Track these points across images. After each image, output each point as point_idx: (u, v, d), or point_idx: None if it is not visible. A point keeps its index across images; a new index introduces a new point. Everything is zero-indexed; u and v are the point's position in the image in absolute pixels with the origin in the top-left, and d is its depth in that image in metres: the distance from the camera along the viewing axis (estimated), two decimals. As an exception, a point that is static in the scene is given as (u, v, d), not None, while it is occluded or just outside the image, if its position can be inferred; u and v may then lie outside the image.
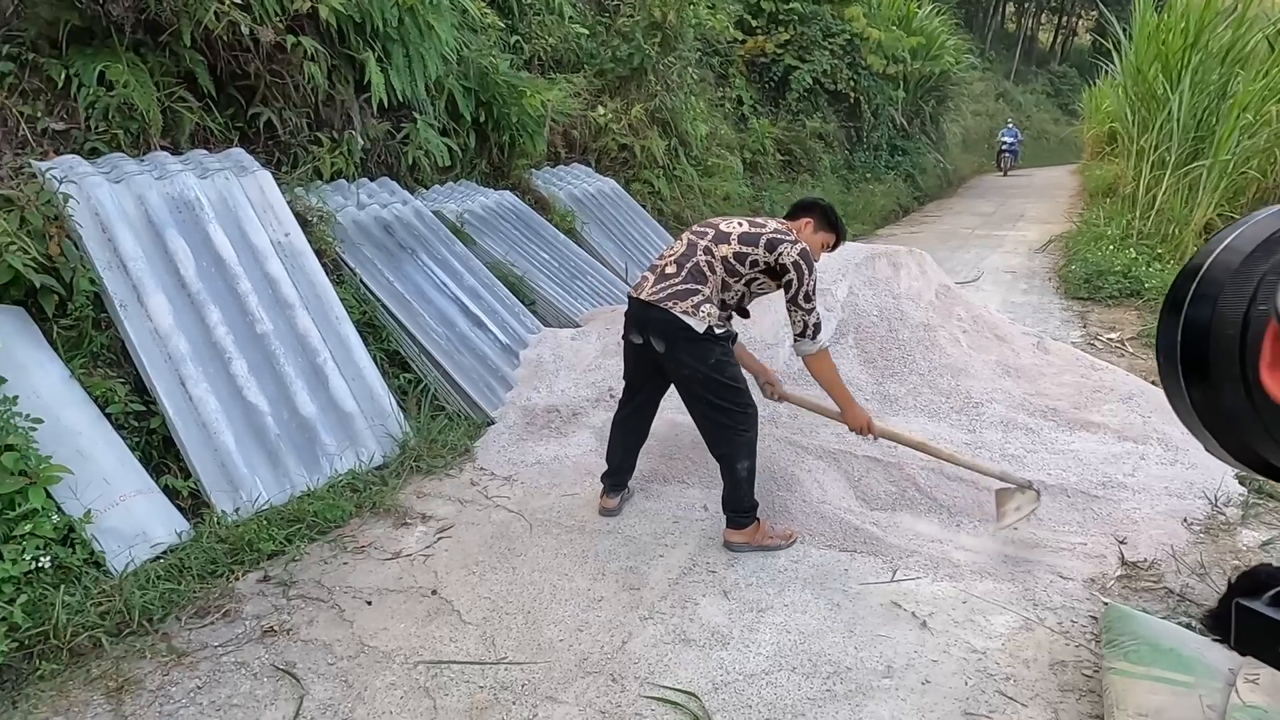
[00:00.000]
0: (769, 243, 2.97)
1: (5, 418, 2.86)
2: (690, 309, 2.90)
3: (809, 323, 2.99)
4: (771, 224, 3.07)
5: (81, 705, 2.38)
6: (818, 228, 3.19)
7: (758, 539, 3.13)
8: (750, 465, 3.07)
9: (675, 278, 2.97)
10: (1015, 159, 22.26)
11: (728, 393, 2.98)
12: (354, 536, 3.31)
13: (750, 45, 12.36)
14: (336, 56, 4.73)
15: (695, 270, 2.97)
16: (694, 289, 2.93)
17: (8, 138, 3.63)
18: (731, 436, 3.03)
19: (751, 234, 3.00)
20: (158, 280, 3.57)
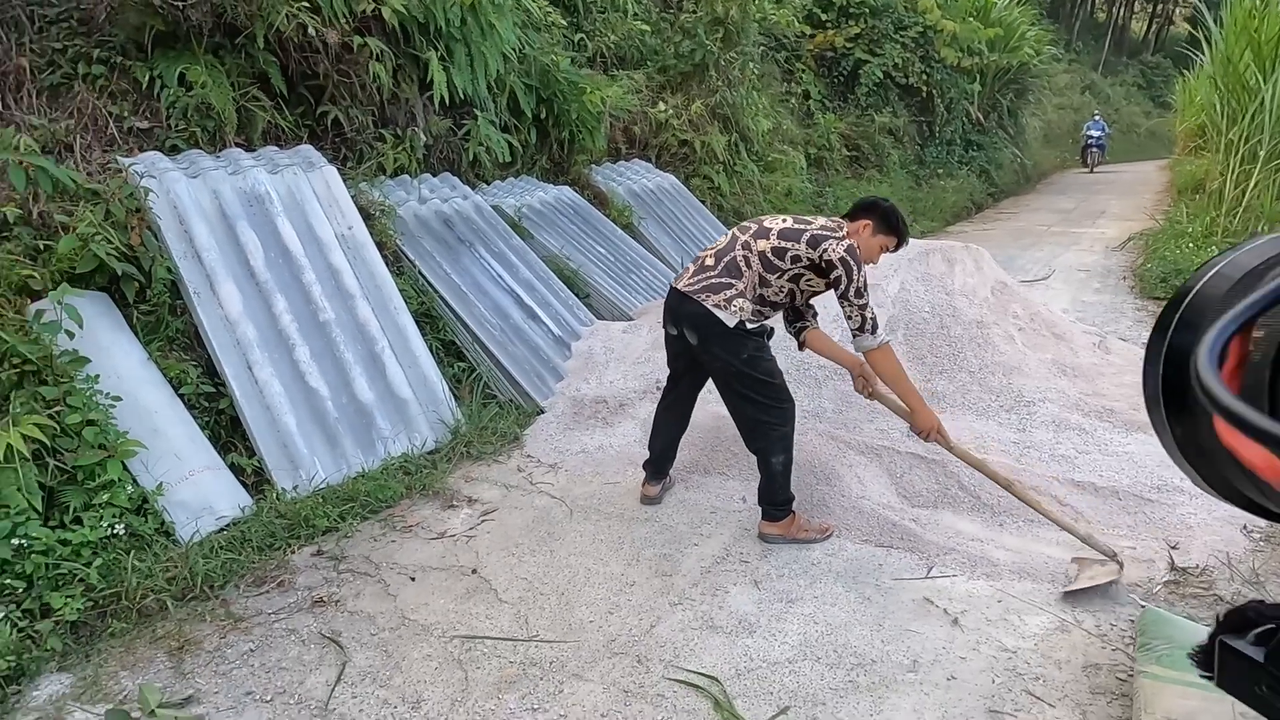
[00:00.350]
0: (812, 239, 2.91)
1: (88, 395, 3.10)
2: (722, 302, 2.92)
3: (866, 317, 2.90)
4: (819, 221, 3.02)
5: (146, 662, 2.57)
6: (877, 230, 3.04)
7: (792, 532, 3.14)
8: (786, 460, 3.08)
9: (712, 271, 3.00)
10: (1103, 154, 20.98)
11: (761, 388, 3.00)
12: (403, 516, 3.45)
13: (819, 39, 12.23)
14: (401, 56, 4.92)
15: (731, 264, 2.98)
16: (728, 283, 2.95)
17: (97, 136, 3.91)
18: (766, 431, 3.05)
19: (793, 229, 2.96)
20: (229, 270, 3.79)
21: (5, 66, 3.82)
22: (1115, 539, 3.10)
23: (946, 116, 14.02)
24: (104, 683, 2.47)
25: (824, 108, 11.78)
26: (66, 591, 2.67)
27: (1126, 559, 2.97)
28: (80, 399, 3.03)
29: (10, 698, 2.40)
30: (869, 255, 3.04)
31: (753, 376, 2.98)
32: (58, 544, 2.75)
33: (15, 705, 2.38)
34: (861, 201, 3.14)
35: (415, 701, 2.37)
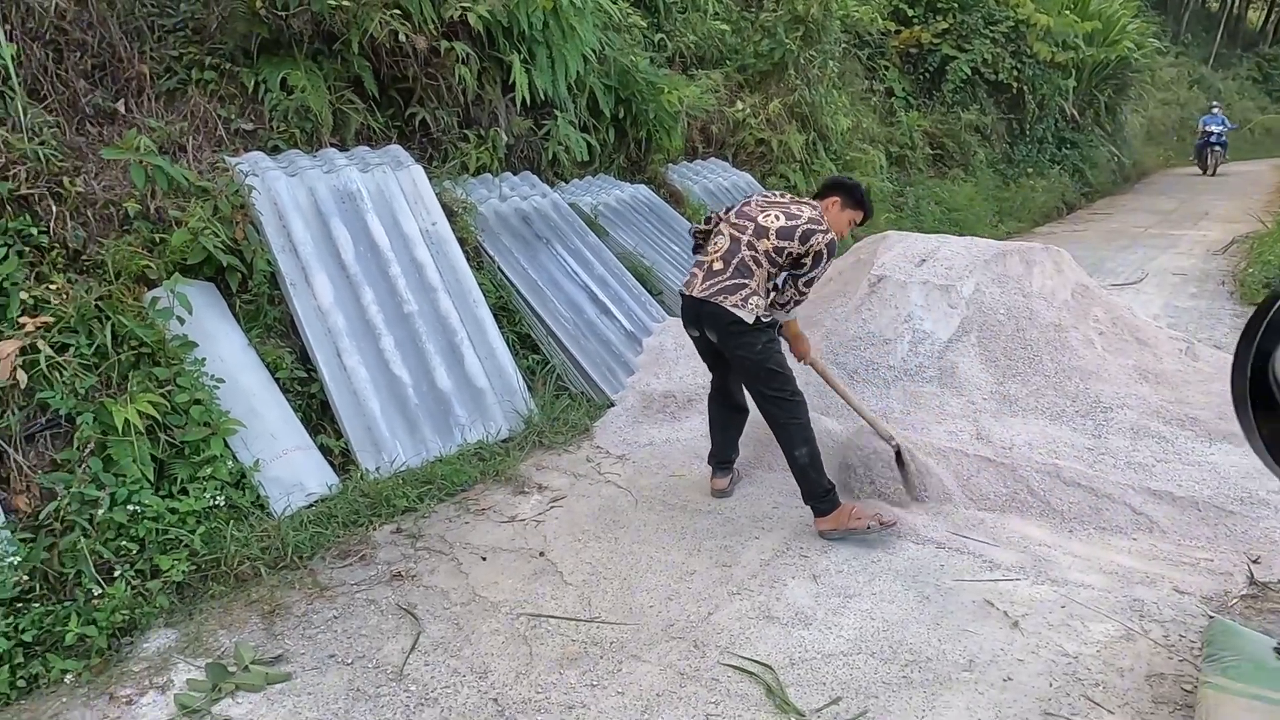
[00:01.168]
0: (803, 235, 3.13)
1: (195, 377, 3.36)
2: (739, 302, 3.09)
3: (796, 300, 3.23)
4: (806, 212, 3.20)
5: (241, 623, 2.79)
6: (844, 206, 3.34)
7: (845, 522, 3.14)
8: (809, 451, 3.15)
9: (724, 274, 3.15)
10: (1225, 153, 18.12)
11: (774, 379, 3.16)
12: (477, 500, 3.62)
13: (905, 36, 11.99)
14: (485, 59, 5.11)
15: (741, 265, 3.14)
16: (742, 283, 3.12)
17: (208, 137, 4.21)
18: (784, 422, 3.17)
19: (788, 228, 3.15)
20: (322, 263, 4.03)
21: (128, 72, 4.15)
22: (1190, 550, 3.03)
23: (1038, 114, 13.53)
24: (204, 639, 2.70)
25: (908, 105, 11.55)
26: (174, 555, 2.91)
27: (1203, 572, 2.89)
28: (188, 380, 3.30)
29: (125, 647, 2.66)
30: (839, 228, 3.33)
31: (766, 368, 3.14)
32: (167, 512, 3.00)
33: (129, 654, 2.63)
34: (829, 180, 3.49)
35: (483, 672, 2.51)
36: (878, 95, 11.07)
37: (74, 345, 3.16)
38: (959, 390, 3.93)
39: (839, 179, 3.48)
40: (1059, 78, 13.47)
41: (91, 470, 2.94)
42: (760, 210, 3.25)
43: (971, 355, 4.07)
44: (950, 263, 4.37)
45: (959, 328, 4.12)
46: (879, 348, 4.16)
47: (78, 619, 2.61)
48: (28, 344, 3.02)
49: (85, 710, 2.40)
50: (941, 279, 4.27)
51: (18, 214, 3.36)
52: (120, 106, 4.05)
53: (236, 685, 2.46)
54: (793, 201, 3.29)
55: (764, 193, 3.41)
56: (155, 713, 2.38)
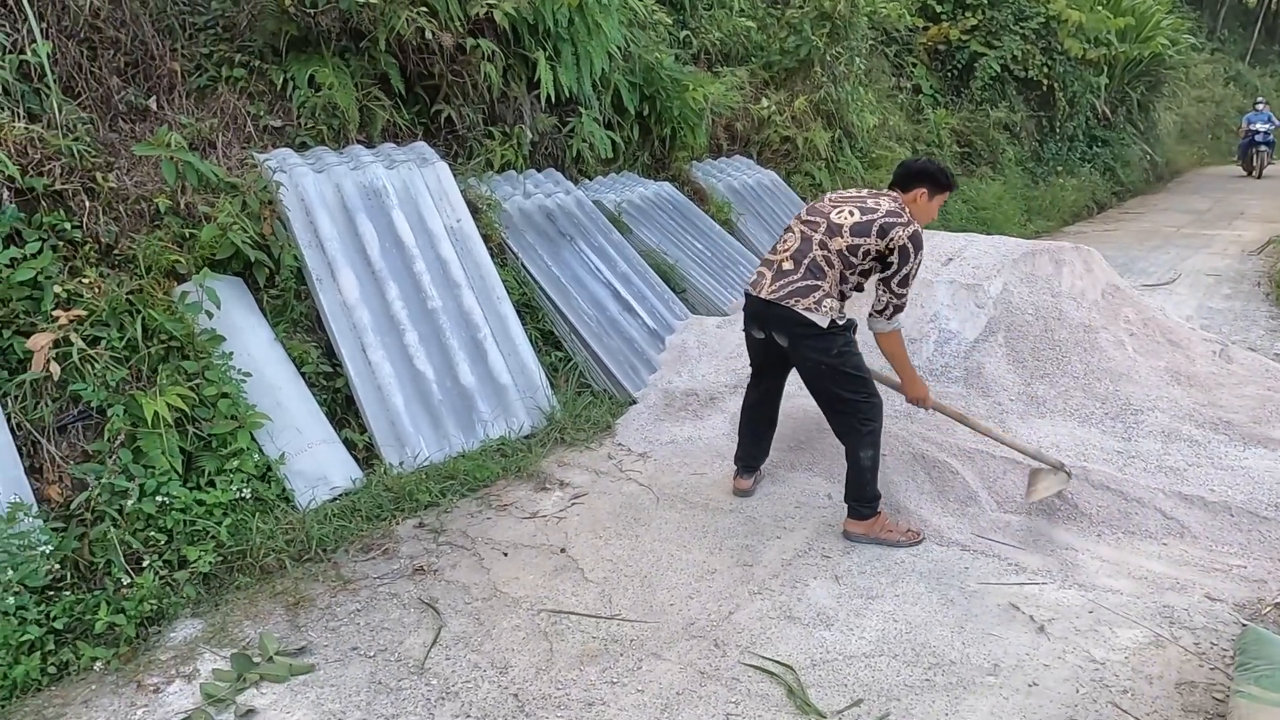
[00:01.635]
0: (881, 229, 2.97)
1: (223, 370, 3.40)
2: (812, 305, 2.97)
3: (892, 304, 3.05)
4: (884, 205, 3.04)
5: (266, 614, 2.83)
6: (932, 194, 3.14)
7: (876, 531, 3.14)
8: (874, 455, 3.10)
9: (794, 274, 3.02)
10: (1271, 152, 16.71)
11: (851, 383, 3.04)
12: (499, 495, 3.63)
13: (933, 32, 11.86)
14: (511, 56, 5.12)
15: (813, 266, 3.01)
16: (814, 285, 2.99)
17: (237, 133, 4.26)
18: (855, 425, 3.08)
19: (863, 223, 2.99)
20: (348, 258, 4.06)
21: (160, 70, 4.21)
22: (1223, 556, 2.97)
23: (1069, 111, 13.33)
24: (230, 629, 2.73)
25: (935, 102, 11.42)
26: (200, 546, 2.95)
27: (1235, 579, 2.83)
28: (216, 373, 3.34)
29: (152, 636, 2.70)
30: (929, 217, 3.16)
31: (844, 372, 3.03)
32: (194, 503, 3.04)
33: (156, 643, 2.67)
34: (910, 168, 3.20)
35: (503, 667, 2.52)
36: (905, 92, 10.96)
37: (105, 338, 3.21)
38: (985, 391, 3.89)
39: (920, 166, 3.19)
40: (1090, 75, 13.27)
41: (121, 461, 2.99)
42: (834, 206, 3.09)
43: (998, 356, 4.02)
44: (977, 262, 4.32)
45: (986, 327, 4.07)
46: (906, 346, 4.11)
47: (107, 608, 2.65)
48: (61, 337, 3.08)
49: (114, 697, 2.43)
50: (968, 278, 4.22)
51: (52, 209, 3.41)
52: (152, 103, 4.10)
53: (261, 676, 2.48)
54: (870, 195, 3.12)
55: (842, 189, 3.24)
56: (181, 701, 2.41)
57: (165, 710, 2.38)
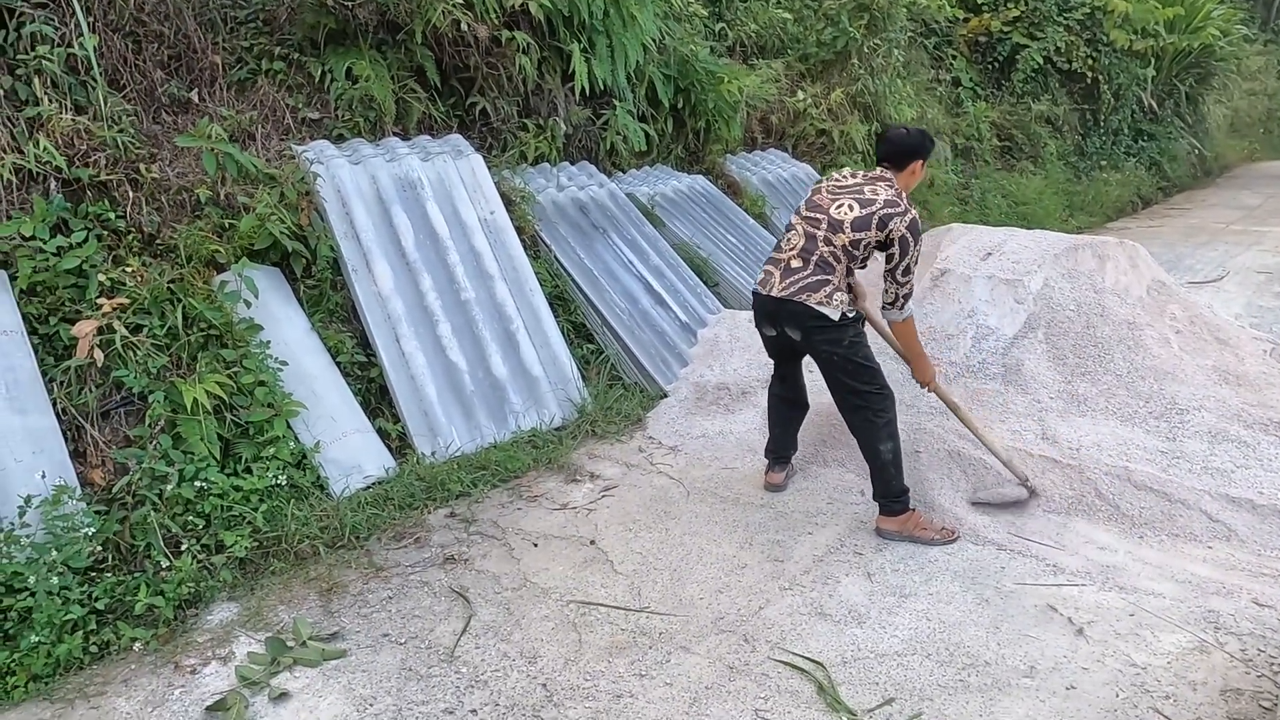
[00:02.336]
0: (880, 221, 2.98)
1: (260, 359, 3.45)
2: (824, 299, 3.00)
3: (900, 294, 3.07)
4: (881, 194, 3.04)
5: (300, 599, 2.86)
6: (925, 163, 3.20)
7: (910, 528, 3.09)
8: (893, 448, 3.08)
9: (803, 271, 3.05)
10: None
11: (863, 374, 3.06)
12: (529, 486, 3.65)
13: (974, 24, 11.64)
14: (546, 48, 5.12)
15: (821, 262, 3.04)
16: (824, 279, 3.02)
17: (275, 125, 4.31)
18: (869, 418, 3.08)
19: (863, 217, 3.00)
20: (383, 249, 4.10)
21: (202, 63, 4.28)
22: (1272, 561, 2.87)
23: (1114, 104, 13.00)
24: (265, 614, 2.77)
25: (975, 95, 11.21)
26: (237, 531, 3.00)
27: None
28: (254, 362, 3.39)
29: (190, 619, 2.75)
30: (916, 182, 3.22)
31: (855, 362, 3.05)
32: (231, 489, 3.10)
33: (193, 625, 2.72)
34: (902, 145, 3.17)
35: (532, 657, 2.53)
36: (944, 85, 10.78)
37: (147, 326, 3.28)
38: (1024, 388, 3.80)
39: (915, 142, 3.17)
40: (1137, 66, 12.92)
41: (162, 447, 3.05)
42: (832, 200, 3.10)
43: (1038, 352, 3.93)
44: (1018, 256, 4.22)
45: (1025, 324, 3.98)
46: (940, 343, 4.04)
47: (147, 589, 2.71)
48: (104, 324, 3.14)
49: (153, 677, 2.48)
50: (1008, 273, 4.13)
51: (97, 199, 3.49)
52: (194, 96, 4.17)
53: (294, 660, 2.52)
54: (866, 181, 3.11)
55: (836, 175, 3.24)
56: (217, 683, 2.45)
57: (201, 691, 2.42)
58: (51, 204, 3.35)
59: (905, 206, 3.00)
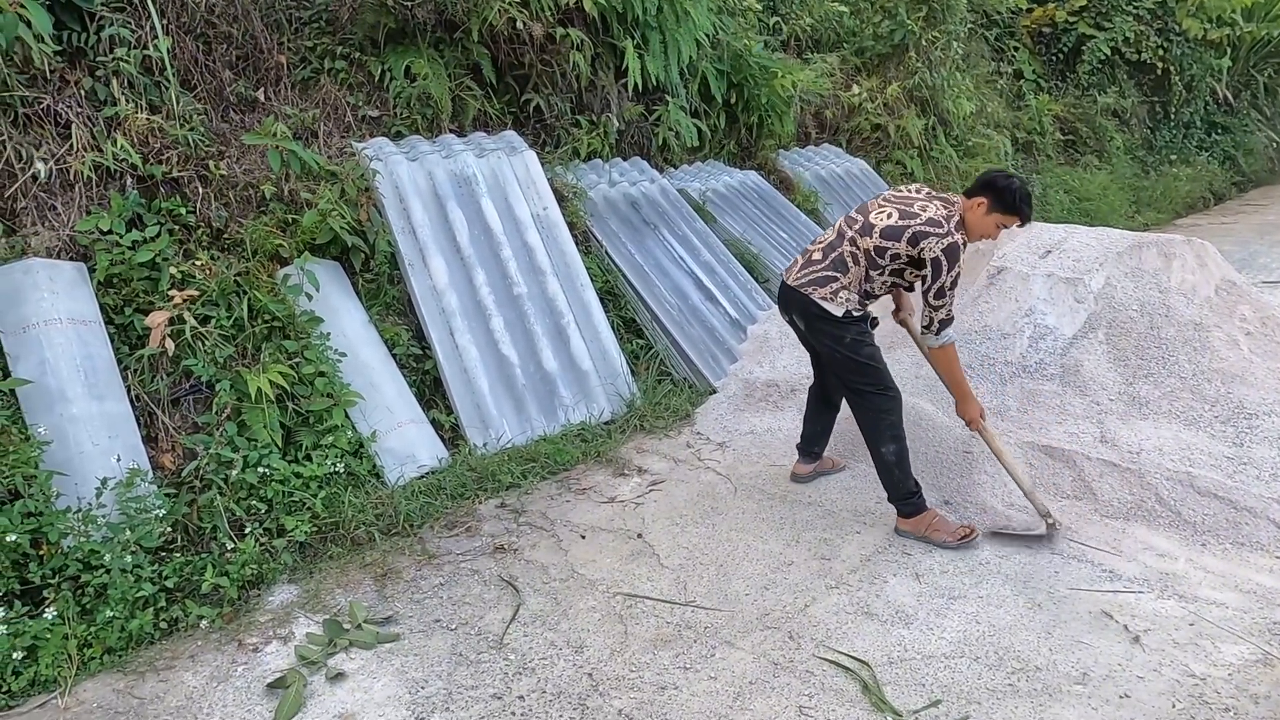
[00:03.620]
0: (913, 237, 2.90)
1: (321, 350, 3.57)
2: (828, 295, 2.99)
3: (935, 319, 2.96)
4: (929, 211, 2.93)
5: (356, 583, 2.96)
6: (992, 209, 2.94)
7: (923, 529, 3.06)
8: (898, 449, 3.06)
9: (819, 264, 3.05)
10: None
11: (864, 373, 3.05)
12: (578, 479, 3.69)
13: (1037, 14, 11.33)
14: (599, 45, 5.16)
15: (838, 260, 3.03)
16: (833, 277, 3.01)
17: (337, 123, 4.44)
18: (874, 419, 3.06)
19: (896, 228, 2.93)
20: (438, 244, 4.19)
21: (268, 63, 4.42)
22: (1345, 573, 2.76)
23: (1185, 96, 12.52)
24: (323, 596, 2.87)
25: (1038, 88, 10.92)
26: (297, 516, 3.11)
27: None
28: (314, 353, 3.50)
29: (252, 599, 2.86)
30: (984, 232, 3.00)
31: (856, 361, 3.04)
32: (292, 475, 3.21)
33: (256, 605, 2.83)
34: (982, 177, 3.05)
35: (579, 646, 2.57)
36: (1005, 78, 10.52)
37: (215, 317, 3.41)
38: (1083, 390, 3.71)
39: (992, 177, 3.01)
40: (1211, 57, 12.42)
41: (227, 434, 3.17)
42: (880, 206, 3.05)
43: (1098, 353, 3.83)
44: (1078, 254, 4.12)
45: (1085, 323, 3.88)
46: (996, 342, 3.97)
47: (213, 570, 2.83)
48: (175, 315, 3.28)
49: (218, 653, 2.60)
50: (1068, 271, 4.03)
51: (169, 195, 3.64)
52: (260, 95, 4.31)
53: (350, 642, 2.61)
54: (926, 198, 3.03)
55: (904, 187, 3.16)
56: (278, 661, 2.55)
57: (263, 669, 2.52)
58: (127, 200, 3.50)
59: (949, 230, 2.88)
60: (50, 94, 3.51)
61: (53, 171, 3.40)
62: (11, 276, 3.14)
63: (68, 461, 2.88)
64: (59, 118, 3.51)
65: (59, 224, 3.38)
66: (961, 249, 2.90)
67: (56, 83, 3.56)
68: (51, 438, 2.88)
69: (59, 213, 3.40)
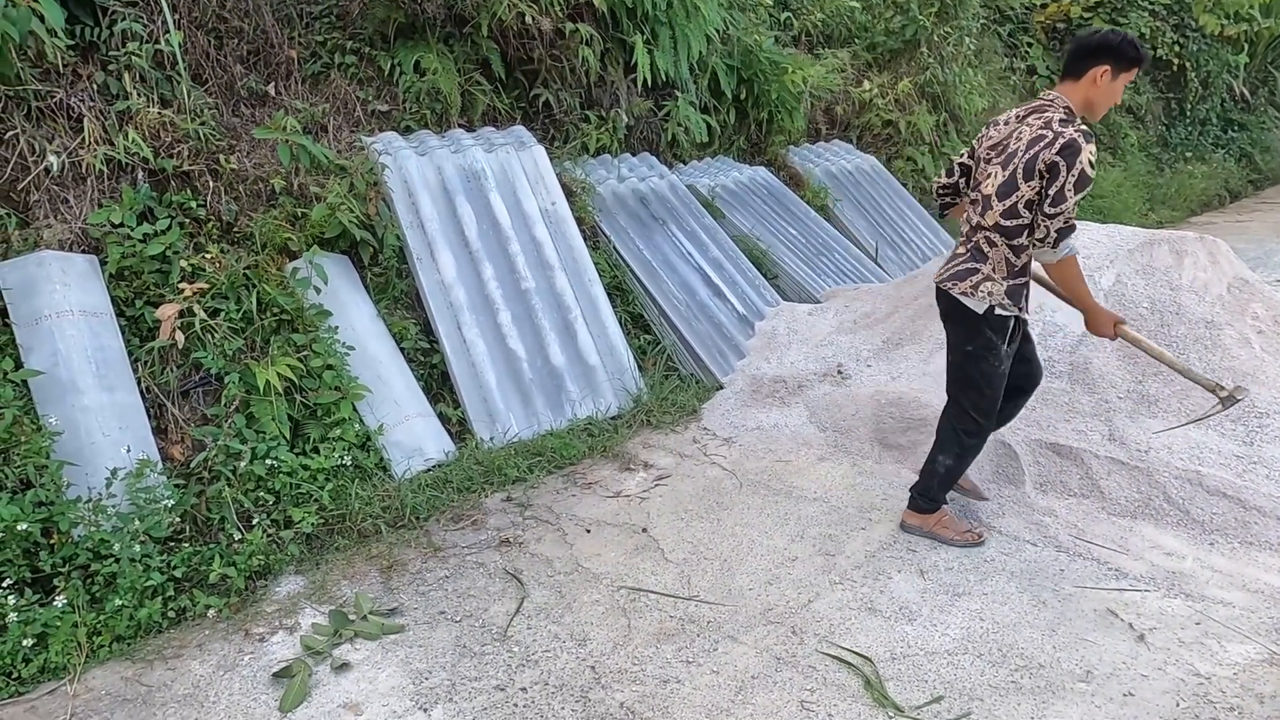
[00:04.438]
0: (1026, 170, 2.57)
1: (329, 343, 3.58)
2: (969, 289, 2.75)
3: (1052, 229, 2.58)
4: (1027, 135, 2.60)
5: (362, 575, 2.98)
6: (1116, 71, 2.58)
7: (931, 525, 3.04)
8: (954, 468, 2.98)
9: (960, 257, 2.83)
10: None
11: (971, 388, 2.87)
12: (584, 474, 3.70)
13: (1051, 10, 11.24)
14: (609, 40, 5.15)
15: (975, 249, 2.78)
16: (974, 268, 2.77)
17: (346, 117, 4.45)
18: (954, 436, 2.96)
19: (1007, 181, 2.62)
20: (446, 239, 4.20)
21: (279, 57, 4.44)
22: (1354, 573, 2.74)
23: (1201, 93, 12.40)
24: (329, 588, 2.89)
25: (1051, 84, 10.83)
26: (305, 508, 3.13)
27: (1366, 597, 2.62)
28: (322, 346, 3.52)
29: (259, 589, 2.89)
30: (1114, 100, 2.67)
31: (970, 374, 2.85)
32: (300, 468, 3.23)
33: (262, 596, 2.85)
34: (1088, 44, 2.63)
35: (582, 639, 2.58)
36: (1018, 74, 10.44)
37: (224, 310, 3.44)
38: (1091, 388, 3.69)
39: (1101, 39, 2.60)
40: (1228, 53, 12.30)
41: (236, 426, 3.20)
42: (984, 169, 2.75)
43: (1107, 351, 3.81)
44: (1089, 251, 4.09)
45: (1095, 320, 3.86)
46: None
47: (220, 560, 2.85)
48: (185, 308, 3.31)
49: (224, 643, 2.62)
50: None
51: (180, 189, 3.67)
52: (271, 89, 4.33)
53: (355, 632, 2.62)
54: (1016, 124, 2.68)
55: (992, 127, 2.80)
56: (284, 651, 2.57)
57: (269, 658, 2.54)
58: (139, 193, 3.53)
59: (1057, 132, 2.52)
60: (63, 88, 3.53)
61: (65, 165, 3.43)
62: (24, 269, 3.17)
63: (78, 452, 2.91)
64: (71, 111, 3.53)
65: (71, 217, 3.41)
66: (1082, 142, 2.51)
67: (69, 76, 3.59)
68: (63, 428, 2.91)
69: (71, 206, 3.43)
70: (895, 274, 6.16)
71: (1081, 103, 2.66)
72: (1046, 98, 2.70)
